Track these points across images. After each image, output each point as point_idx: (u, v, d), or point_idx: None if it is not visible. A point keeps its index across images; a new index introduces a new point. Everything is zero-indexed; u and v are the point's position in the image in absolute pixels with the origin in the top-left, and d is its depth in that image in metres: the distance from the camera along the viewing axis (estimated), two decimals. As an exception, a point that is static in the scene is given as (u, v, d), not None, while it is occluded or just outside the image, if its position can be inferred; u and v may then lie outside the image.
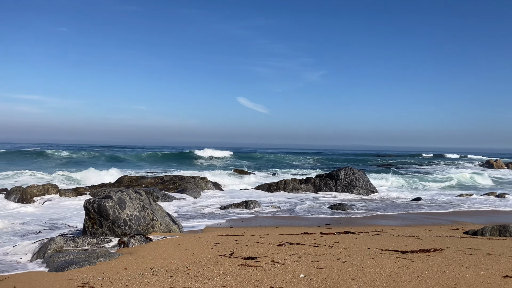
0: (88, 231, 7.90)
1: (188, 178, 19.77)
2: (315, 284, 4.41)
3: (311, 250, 6.31)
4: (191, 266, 5.34)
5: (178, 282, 4.61)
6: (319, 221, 10.70)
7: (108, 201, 7.89)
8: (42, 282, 4.89)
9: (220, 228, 9.31)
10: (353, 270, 5.01)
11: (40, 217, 11.21)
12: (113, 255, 6.15)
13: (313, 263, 5.40)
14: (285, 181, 19.33)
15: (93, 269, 5.40)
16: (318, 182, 19.67)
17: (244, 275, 4.81)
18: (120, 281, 4.72)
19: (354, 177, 19.36)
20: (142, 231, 7.95)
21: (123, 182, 20.01)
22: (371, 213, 12.89)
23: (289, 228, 9.08)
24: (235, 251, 6.26)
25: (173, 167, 39.48)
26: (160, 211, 8.97)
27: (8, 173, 24.21)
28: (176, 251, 6.41)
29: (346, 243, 6.96)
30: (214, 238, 7.51)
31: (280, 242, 7.01)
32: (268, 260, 5.57)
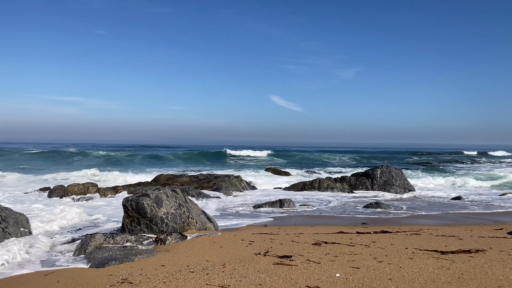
0: (126, 228, 8.11)
1: (222, 177, 19.95)
2: (351, 284, 4.36)
3: (347, 249, 6.24)
4: (226, 264, 5.39)
5: (214, 279, 4.66)
6: (354, 220, 10.55)
7: (145, 199, 8.07)
8: (84, 277, 5.06)
9: (254, 226, 9.34)
10: (390, 270, 4.91)
11: (80, 215, 11.60)
12: (150, 252, 6.29)
13: (349, 262, 5.34)
14: (319, 180, 19.17)
15: (131, 266, 5.54)
16: (354, 181, 19.40)
17: (279, 274, 4.81)
18: (157, 277, 4.82)
19: (390, 176, 18.96)
20: (178, 228, 8.09)
21: (160, 181, 20.42)
22: (409, 212, 12.59)
23: (324, 227, 9.00)
24: (270, 249, 6.27)
25: (208, 165, 39.96)
26: (196, 209, 9.09)
27: (51, 173, 25.21)
28: (211, 248, 6.48)
29: (383, 242, 6.84)
30: (249, 236, 7.55)
31: (315, 241, 6.97)
32: (303, 259, 5.55)
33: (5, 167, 30.44)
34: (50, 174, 24.51)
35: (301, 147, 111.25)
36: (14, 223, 7.96)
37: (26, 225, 8.29)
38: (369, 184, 19.03)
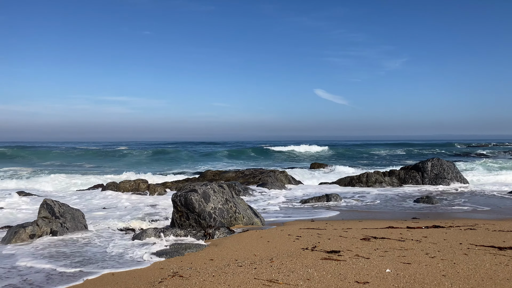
0: (176, 223, 8.33)
1: (268, 172, 20.01)
2: (402, 280, 4.25)
3: (397, 244, 6.08)
4: (274, 259, 5.41)
5: (262, 273, 4.69)
6: (404, 215, 10.26)
7: (193, 194, 8.24)
8: (137, 271, 5.25)
9: (301, 221, 9.30)
10: (443, 266, 4.74)
11: (131, 210, 12.02)
12: (199, 247, 6.42)
13: (399, 258, 5.20)
14: (367, 174, 18.79)
15: (181, 260, 5.68)
16: (403, 175, 18.86)
17: (328, 269, 4.77)
18: (207, 271, 4.92)
19: (442, 169, 18.27)
20: (225, 223, 8.20)
21: (207, 177, 20.77)
22: (462, 206, 12.09)
23: (372, 222, 8.82)
24: (318, 244, 6.22)
25: (253, 161, 40.21)
26: (242, 204, 9.18)
27: (106, 171, 26.26)
28: (259, 243, 6.53)
29: (435, 237, 6.60)
30: (295, 231, 7.53)
31: (363, 236, 6.84)
32: (352, 254, 5.47)
33: (59, 166, 32.09)
34: (103, 172, 25.56)
35: (347, 141, 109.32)
36: (71, 218, 8.37)
37: (82, 220, 8.70)
38: (419, 177, 18.43)
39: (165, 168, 31.85)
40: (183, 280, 4.54)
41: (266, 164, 36.27)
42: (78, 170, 29.00)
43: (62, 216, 8.24)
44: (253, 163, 38.05)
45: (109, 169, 26.68)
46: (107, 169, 26.65)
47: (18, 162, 36.92)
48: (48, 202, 8.38)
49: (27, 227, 7.60)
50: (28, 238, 7.46)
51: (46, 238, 7.61)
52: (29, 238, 7.46)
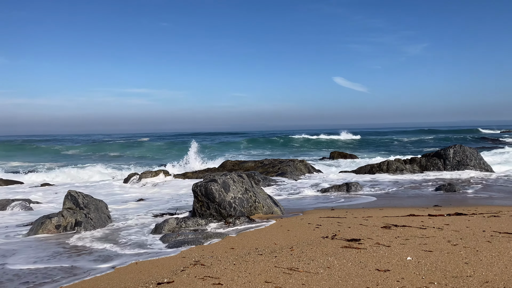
0: (197, 212, 8.43)
1: (287, 162, 20.00)
2: (423, 268, 4.22)
3: (418, 232, 6.03)
4: (294, 247, 5.43)
5: (282, 262, 4.73)
6: (426, 203, 10.15)
7: (213, 184, 8.32)
8: (160, 259, 5.35)
9: (321, 210, 9.30)
10: (466, 253, 4.69)
11: (152, 199, 12.21)
12: (220, 235, 6.50)
13: (420, 245, 5.16)
14: (388, 162, 18.59)
15: (203, 248, 5.76)
16: (425, 162, 18.59)
17: (348, 257, 4.77)
18: (228, 260, 4.98)
19: (465, 155, 17.93)
20: (245, 212, 8.26)
21: (226, 167, 20.90)
22: (486, 193, 11.87)
23: (393, 210, 8.75)
24: (338, 233, 6.22)
25: (271, 151, 40.22)
26: (262, 193, 9.22)
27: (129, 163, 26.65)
28: (279, 232, 6.56)
29: (457, 225, 6.52)
30: (315, 220, 7.54)
31: (384, 224, 6.80)
32: (372, 242, 5.45)
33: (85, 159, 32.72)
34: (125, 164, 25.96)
35: (367, 129, 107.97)
36: (95, 209, 8.56)
37: (105, 210, 8.89)
38: (441, 165, 18.14)
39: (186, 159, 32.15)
40: (205, 269, 4.61)
41: (286, 153, 36.25)
42: (99, 160, 29.53)
43: (86, 207, 8.43)
44: (272, 152, 38.06)
45: (130, 161, 27.10)
46: (128, 161, 27.07)
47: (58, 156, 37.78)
48: (72, 194, 8.58)
49: (53, 217, 7.80)
50: (54, 228, 7.67)
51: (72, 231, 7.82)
52: (54, 229, 7.67)
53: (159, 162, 26.93)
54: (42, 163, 30.72)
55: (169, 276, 4.43)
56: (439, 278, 3.90)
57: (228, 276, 4.27)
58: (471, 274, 3.97)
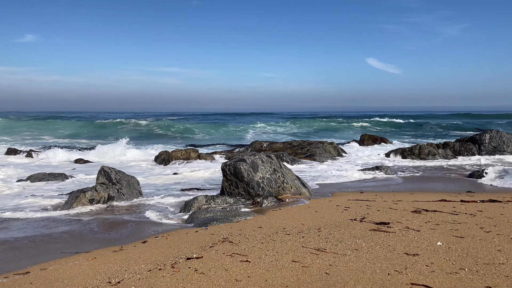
0: (225, 191, 8.53)
1: (316, 143, 19.86)
2: (454, 253, 4.15)
3: (449, 218, 5.91)
4: (322, 228, 5.44)
5: (309, 242, 4.74)
6: (459, 188, 9.92)
7: (242, 164, 8.37)
8: (189, 235, 5.47)
9: (350, 192, 9.24)
10: (499, 241, 4.57)
11: (183, 178, 12.42)
12: (248, 214, 6.57)
13: (451, 231, 5.07)
14: (420, 146, 18.19)
15: (231, 226, 5.84)
16: (458, 147, 18.09)
17: (376, 240, 4.74)
18: (255, 238, 5.04)
19: (501, 141, 17.33)
20: (273, 192, 8.30)
21: (255, 147, 20.96)
22: (522, 181, 11.46)
23: (424, 195, 8.60)
24: (366, 215, 6.18)
25: (300, 132, 40.02)
26: (290, 174, 9.22)
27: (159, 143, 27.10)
28: (306, 213, 6.57)
29: (491, 212, 6.35)
30: (344, 202, 7.50)
31: (414, 208, 6.70)
32: (401, 226, 5.39)
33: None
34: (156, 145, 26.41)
35: (401, 112, 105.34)
36: (127, 185, 8.79)
37: (137, 186, 9.11)
38: (476, 150, 17.61)
39: (214, 139, 32.46)
40: (233, 246, 4.68)
41: (315, 135, 36.00)
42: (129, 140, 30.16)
43: (119, 183, 8.67)
44: (301, 133, 37.88)
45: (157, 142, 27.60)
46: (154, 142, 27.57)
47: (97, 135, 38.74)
48: (105, 169, 8.82)
49: (87, 192, 8.07)
50: (87, 202, 7.93)
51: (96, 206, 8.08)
52: (88, 203, 7.93)
53: (188, 142, 27.27)
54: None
55: (198, 251, 4.53)
56: (470, 264, 3.83)
57: (255, 254, 4.33)
58: (503, 261, 3.88)
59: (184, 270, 3.91)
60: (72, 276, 3.94)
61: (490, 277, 3.50)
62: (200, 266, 3.99)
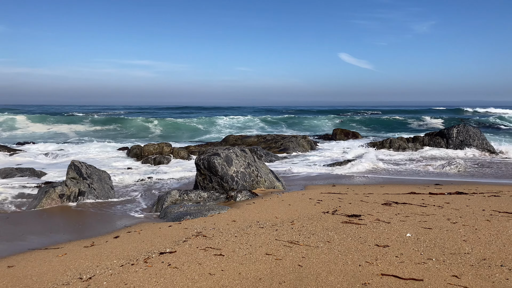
0: (199, 185, 8.50)
1: (289, 138, 20.01)
2: (422, 244, 4.28)
3: (418, 210, 6.08)
4: (295, 221, 5.50)
5: (283, 235, 4.79)
6: (427, 181, 10.20)
7: (216, 158, 8.35)
8: (162, 230, 5.43)
9: (322, 186, 9.36)
10: (465, 231, 4.74)
11: (154, 171, 12.29)
12: (222, 208, 6.57)
13: (420, 223, 5.22)
14: (390, 140, 18.58)
15: (205, 220, 5.83)
16: (427, 141, 18.57)
17: (348, 232, 4.83)
18: (229, 232, 5.05)
19: (468, 135, 17.88)
20: (247, 186, 8.32)
21: (229, 141, 20.93)
22: (487, 173, 11.90)
23: (394, 187, 8.81)
24: (338, 208, 6.28)
25: (275, 126, 40.16)
26: (264, 168, 9.26)
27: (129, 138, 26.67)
28: (280, 206, 6.63)
29: (458, 204, 6.57)
30: (317, 195, 7.60)
31: (385, 201, 6.86)
32: (372, 219, 5.51)
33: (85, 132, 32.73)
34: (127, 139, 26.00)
35: (373, 107, 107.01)
36: (98, 180, 8.64)
37: (108, 181, 8.97)
38: (444, 144, 18.12)
39: (189, 135, 32.21)
40: (207, 240, 4.68)
41: (288, 129, 36.22)
42: (97, 136, 29.59)
43: (90, 177, 8.51)
44: (275, 128, 38.03)
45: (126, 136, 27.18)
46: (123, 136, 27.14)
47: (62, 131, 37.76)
48: (76, 164, 8.64)
49: (57, 187, 7.89)
50: (57, 197, 7.76)
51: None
52: (58, 198, 7.76)
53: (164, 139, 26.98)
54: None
55: (172, 246, 4.51)
56: (437, 254, 3.95)
57: (229, 248, 4.34)
58: (469, 251, 4.02)
59: (157, 265, 3.89)
60: (42, 273, 3.86)
61: (456, 267, 3.62)
62: (173, 261, 3.98)
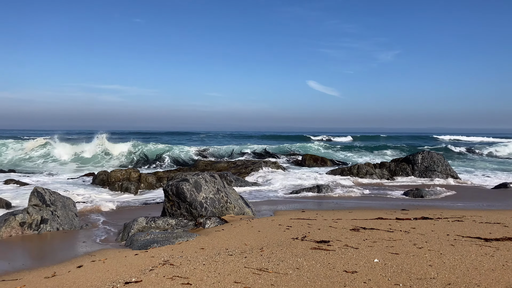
0: (167, 212, 8.34)
1: (259, 163, 20.07)
2: (390, 269, 4.32)
3: (385, 235, 6.16)
4: (264, 248, 5.46)
5: (252, 262, 4.74)
6: (394, 206, 10.38)
7: (185, 184, 8.26)
8: (128, 258, 5.27)
9: (292, 211, 9.38)
10: (430, 256, 4.83)
11: (124, 198, 12.03)
12: (190, 235, 6.46)
13: (388, 248, 5.28)
14: (358, 165, 18.91)
15: (172, 248, 5.71)
16: (394, 167, 19.01)
17: (317, 258, 4.83)
18: (197, 260, 4.96)
19: (432, 161, 18.44)
20: (217, 213, 8.24)
21: (199, 166, 20.78)
22: (451, 199, 12.24)
23: (362, 213, 8.92)
24: (308, 234, 6.29)
25: (245, 152, 40.17)
26: (234, 194, 9.22)
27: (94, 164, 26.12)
28: (249, 233, 6.58)
29: (423, 229, 6.70)
30: (286, 221, 7.59)
31: (353, 226, 6.92)
32: (341, 244, 5.54)
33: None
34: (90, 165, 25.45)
35: (340, 133, 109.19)
36: (62, 207, 8.36)
37: (73, 208, 8.69)
38: (410, 170, 18.60)
39: (156, 160, 31.73)
40: (174, 268, 4.58)
41: (259, 155, 36.28)
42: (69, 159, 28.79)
43: (53, 204, 8.22)
44: (245, 153, 38.03)
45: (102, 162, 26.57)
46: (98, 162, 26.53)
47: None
48: (38, 190, 8.35)
49: (17, 214, 7.57)
50: (18, 226, 7.44)
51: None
52: (19, 226, 7.44)
53: (133, 164, 26.49)
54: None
55: (137, 275, 4.38)
56: (404, 279, 4.00)
57: (197, 276, 4.26)
58: (434, 276, 4.09)
59: (122, 295, 3.76)
60: (-2, 307, 3.65)
61: (422, 292, 3.67)
62: (139, 291, 3.85)
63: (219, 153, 33.81)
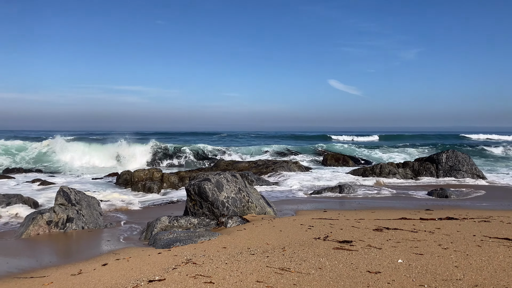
0: (189, 211, 8.42)
1: (280, 163, 20.04)
2: (414, 270, 4.25)
3: (409, 235, 6.07)
4: (286, 248, 5.45)
5: (274, 262, 4.74)
6: (418, 206, 10.21)
7: (207, 183, 8.31)
8: (152, 257, 5.34)
9: (313, 211, 9.33)
10: (456, 257, 4.73)
11: (146, 198, 12.19)
12: (212, 235, 6.50)
13: (412, 248, 5.20)
14: (381, 165, 18.68)
15: (195, 247, 5.76)
16: (417, 166, 18.70)
17: (340, 258, 4.79)
18: (219, 259, 4.98)
19: (457, 161, 18.06)
20: (238, 212, 8.26)
21: (220, 166, 20.90)
22: (477, 198, 11.97)
23: (385, 213, 8.80)
24: (330, 234, 6.25)
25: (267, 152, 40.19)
26: (255, 193, 9.23)
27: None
28: (271, 232, 6.57)
29: (448, 229, 6.57)
30: (308, 221, 7.56)
31: (376, 226, 6.84)
32: (364, 244, 5.48)
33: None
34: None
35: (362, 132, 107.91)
36: (87, 206, 8.53)
37: (97, 207, 8.86)
38: (434, 169, 18.26)
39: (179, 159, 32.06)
40: (197, 267, 4.61)
41: (279, 154, 36.24)
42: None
43: (78, 203, 8.40)
44: (267, 153, 38.04)
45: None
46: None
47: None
48: (64, 190, 8.54)
49: (45, 213, 7.76)
50: (45, 224, 7.63)
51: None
52: (46, 225, 7.63)
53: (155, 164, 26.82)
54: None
55: (161, 274, 4.43)
56: (429, 281, 3.93)
57: (219, 275, 4.28)
58: (461, 277, 4.00)
59: (146, 293, 3.81)
60: (26, 303, 3.75)
61: (448, 293, 3.60)
62: (162, 289, 3.90)
63: (240, 152, 33.90)
